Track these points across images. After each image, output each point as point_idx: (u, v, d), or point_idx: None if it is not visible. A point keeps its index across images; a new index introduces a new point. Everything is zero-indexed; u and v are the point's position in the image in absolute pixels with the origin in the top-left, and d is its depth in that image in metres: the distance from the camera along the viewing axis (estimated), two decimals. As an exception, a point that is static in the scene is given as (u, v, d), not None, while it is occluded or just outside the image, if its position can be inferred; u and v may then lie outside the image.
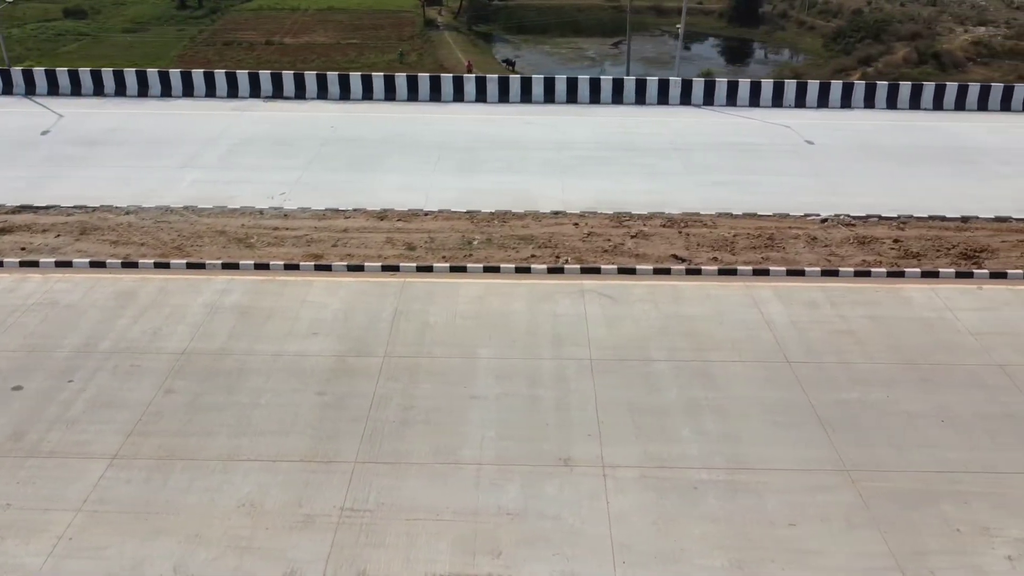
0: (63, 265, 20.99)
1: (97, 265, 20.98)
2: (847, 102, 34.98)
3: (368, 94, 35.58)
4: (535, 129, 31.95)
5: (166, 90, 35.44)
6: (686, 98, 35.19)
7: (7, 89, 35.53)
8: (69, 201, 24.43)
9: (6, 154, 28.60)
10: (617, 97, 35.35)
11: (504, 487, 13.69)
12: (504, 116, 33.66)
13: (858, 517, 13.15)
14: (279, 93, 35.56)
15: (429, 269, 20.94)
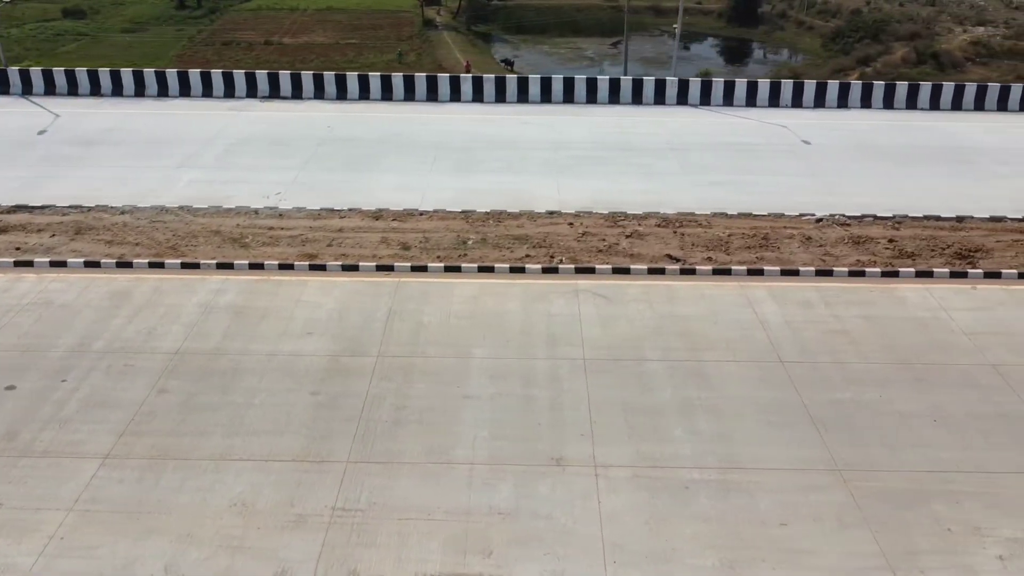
0: (58, 265, 21.00)
1: (92, 265, 20.99)
2: (844, 102, 34.98)
3: (365, 94, 35.57)
4: (532, 129, 31.95)
5: (163, 90, 35.42)
6: (683, 98, 35.19)
7: (4, 89, 35.49)
8: (65, 201, 24.44)
9: (2, 154, 28.59)
10: (614, 97, 35.35)
11: (496, 487, 13.70)
12: (501, 116, 33.67)
13: (850, 517, 13.16)
14: (276, 93, 35.56)
15: (424, 269, 20.95)
